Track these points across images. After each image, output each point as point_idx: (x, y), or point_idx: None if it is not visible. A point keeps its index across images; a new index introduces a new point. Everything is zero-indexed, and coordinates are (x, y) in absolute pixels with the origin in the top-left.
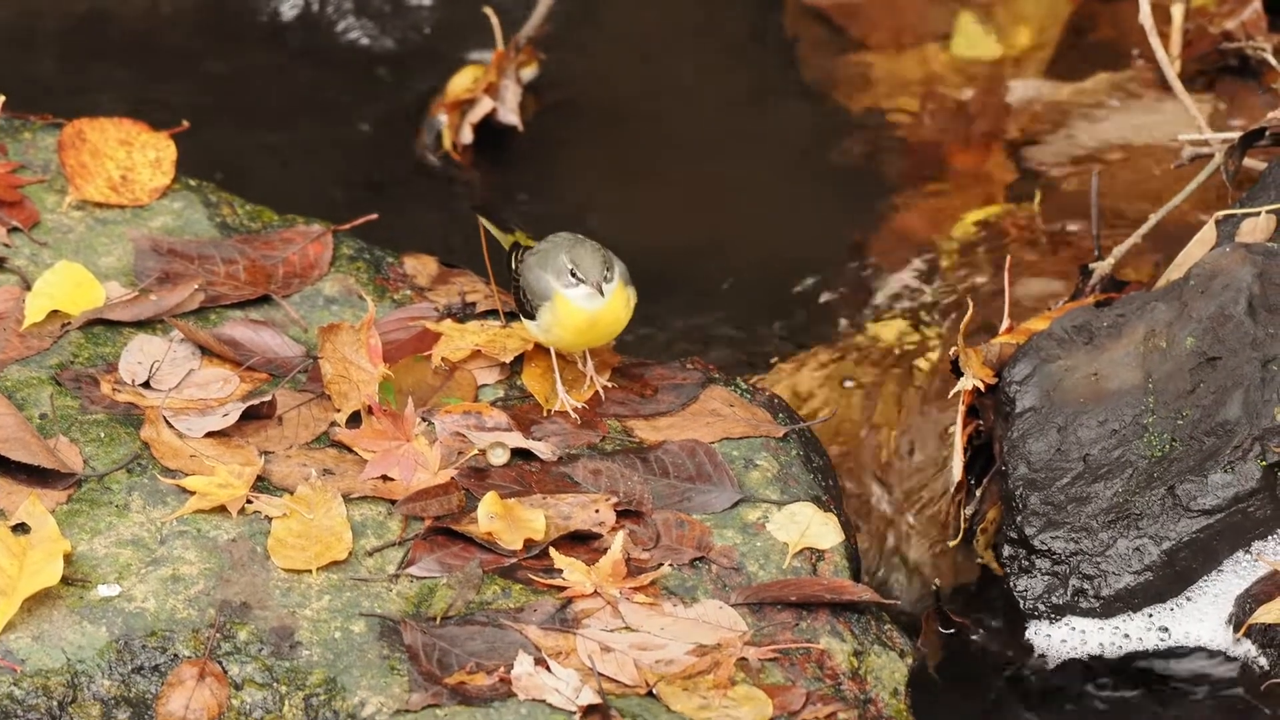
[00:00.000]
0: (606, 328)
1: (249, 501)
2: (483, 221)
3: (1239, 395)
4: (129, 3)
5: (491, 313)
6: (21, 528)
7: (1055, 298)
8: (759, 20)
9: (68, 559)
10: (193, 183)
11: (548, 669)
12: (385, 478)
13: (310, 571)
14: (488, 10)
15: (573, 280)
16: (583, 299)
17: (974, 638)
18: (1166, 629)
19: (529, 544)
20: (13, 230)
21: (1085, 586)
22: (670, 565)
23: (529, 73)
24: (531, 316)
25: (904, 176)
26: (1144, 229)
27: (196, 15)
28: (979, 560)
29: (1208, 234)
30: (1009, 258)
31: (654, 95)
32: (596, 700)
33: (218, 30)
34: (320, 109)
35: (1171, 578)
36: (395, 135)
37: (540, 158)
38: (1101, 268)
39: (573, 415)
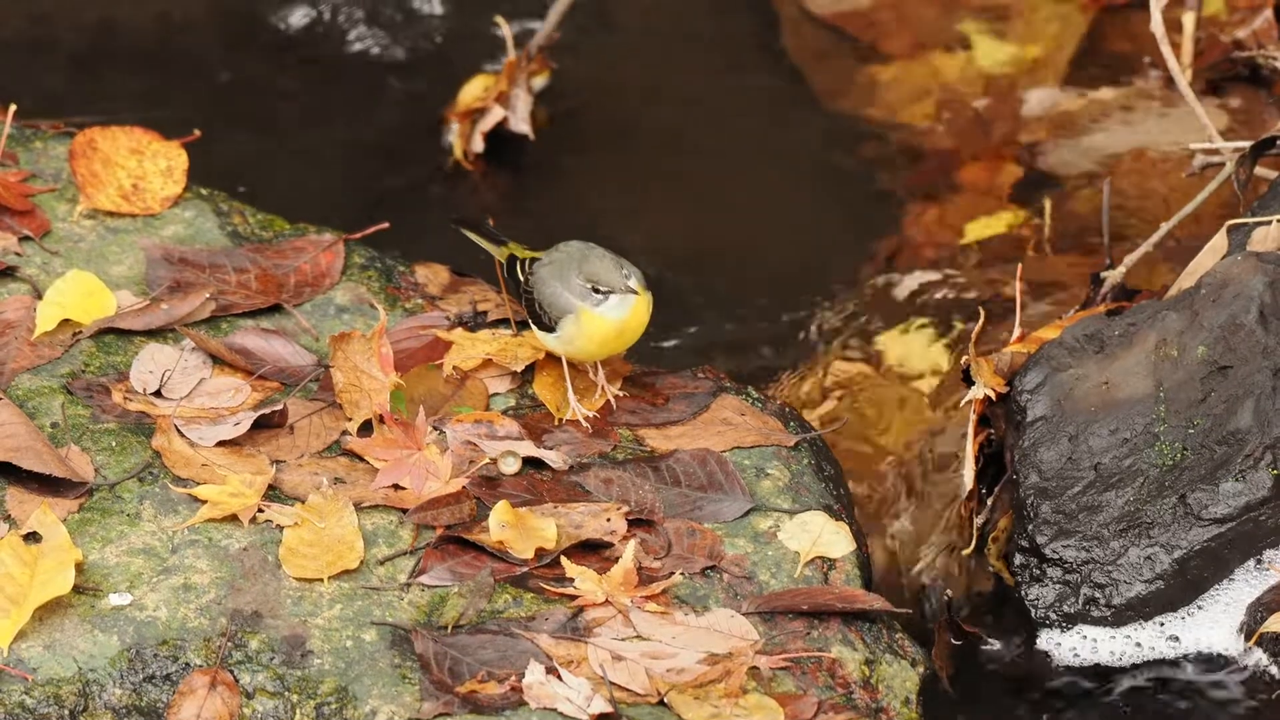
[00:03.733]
0: (630, 335)
1: (260, 510)
2: (468, 234)
3: (1250, 404)
4: (140, 12)
5: (503, 321)
6: (33, 536)
7: (1066, 306)
8: (770, 29)
9: (79, 568)
10: (204, 191)
11: (559, 678)
12: (397, 486)
13: (322, 580)
14: (499, 19)
15: (598, 295)
16: (613, 309)
17: (985, 646)
18: (1178, 637)
19: (540, 553)
20: (24, 239)
21: (1097, 595)
22: (682, 574)
23: (540, 82)
24: (550, 329)
25: (916, 185)
26: (1155, 237)
27: (208, 24)
28: (990, 569)
29: (1219, 243)
30: (1020, 266)
31: (665, 104)
32: (608, 709)
33: (229, 39)
34: (332, 118)
35: (1183, 586)
36: (407, 144)
37: (551, 166)
38: (1113, 276)
39: (584, 424)
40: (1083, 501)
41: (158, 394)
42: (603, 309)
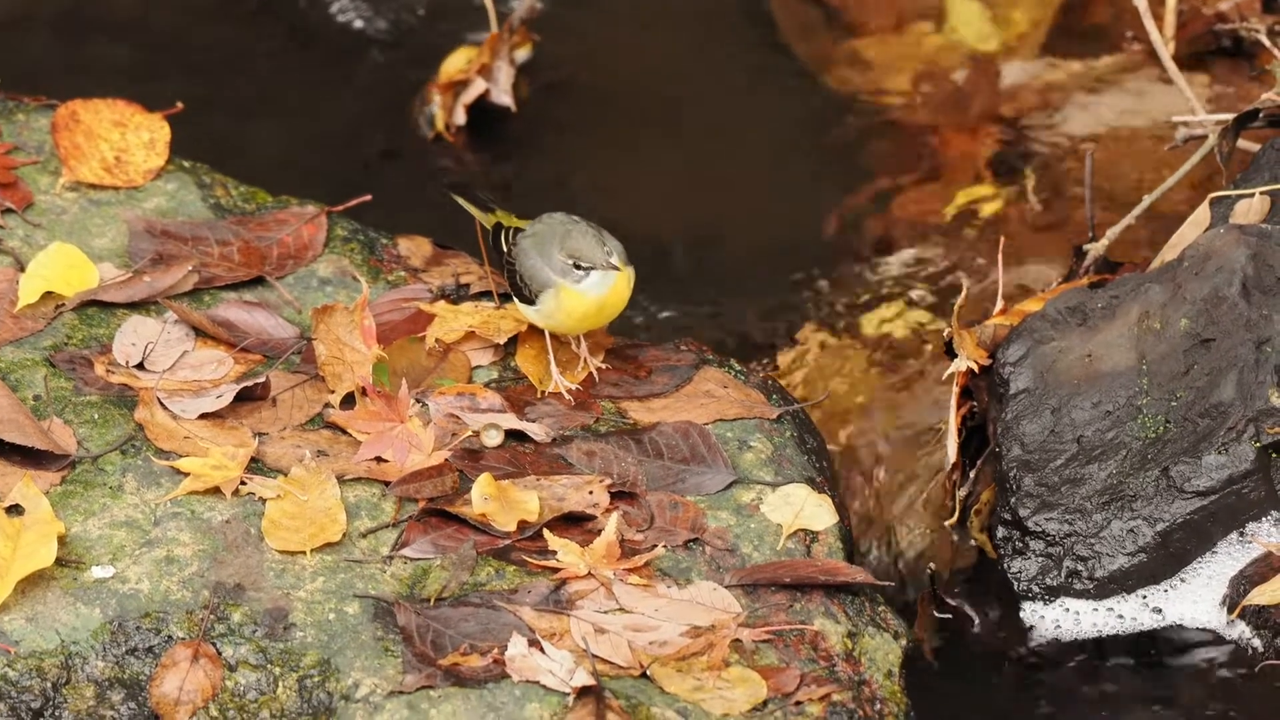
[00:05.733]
0: (610, 311)
1: (243, 483)
2: (459, 200)
3: (1233, 377)
4: None
5: (486, 294)
6: (15, 509)
7: (1049, 279)
8: (752, 1)
9: (62, 540)
10: (187, 164)
11: (541, 650)
12: (379, 459)
13: (304, 553)
14: None
15: (579, 271)
16: (593, 286)
17: (968, 619)
18: (1160, 610)
19: (523, 525)
20: (6, 211)
21: (1079, 568)
22: (664, 547)
23: (522, 54)
24: (530, 302)
25: (898, 158)
26: (1138, 210)
27: None
28: (973, 542)
29: (1202, 215)
30: (1002, 239)
31: (647, 76)
32: (590, 681)
33: (212, 12)
34: (314, 90)
35: (1165, 559)
36: (389, 117)
37: (533, 139)
38: (1095, 249)
39: (567, 397)
40: (1065, 474)
41: (140, 366)
42: (583, 286)
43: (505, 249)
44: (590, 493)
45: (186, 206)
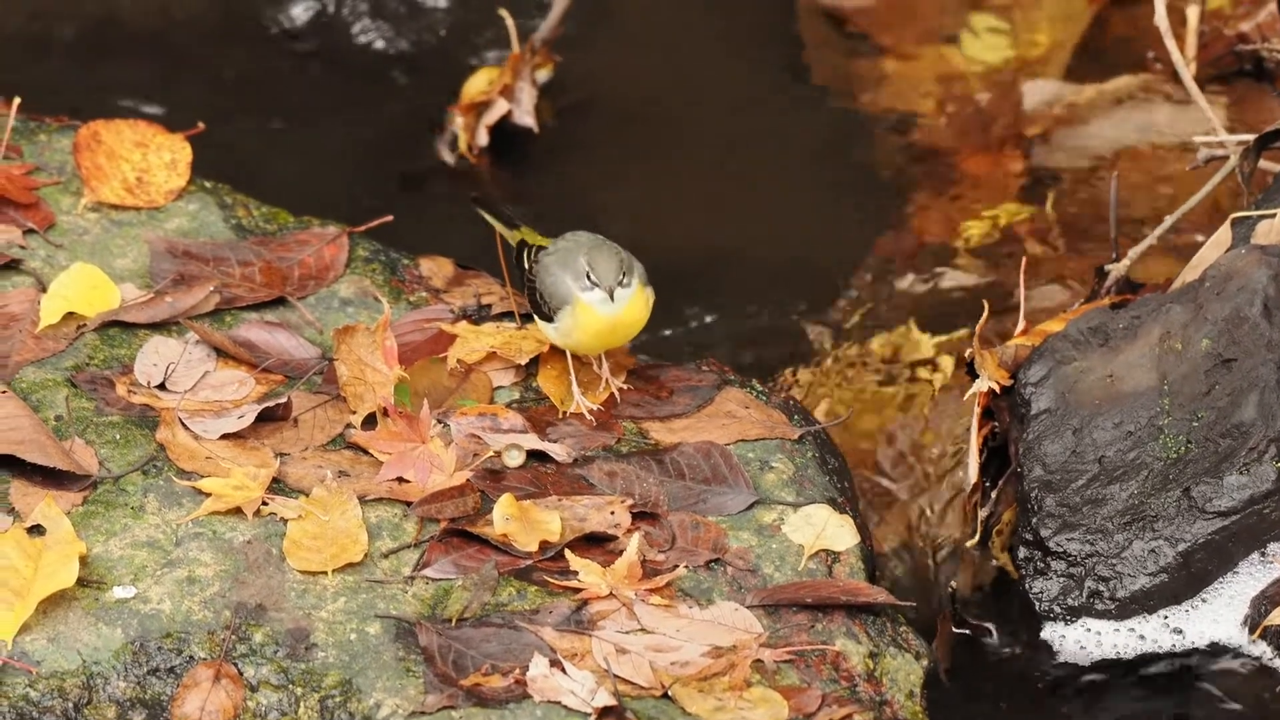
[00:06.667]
0: (626, 330)
1: (264, 503)
2: (484, 214)
3: (1254, 397)
4: (144, 5)
5: (507, 315)
6: (37, 529)
7: (1071, 300)
8: (774, 21)
9: (83, 561)
10: (208, 184)
11: (563, 671)
12: (401, 479)
13: (326, 573)
14: (503, 12)
15: (589, 284)
16: (601, 303)
17: (989, 639)
18: (1181, 631)
19: (544, 546)
20: (28, 232)
21: (1100, 588)
22: (686, 567)
23: (544, 75)
24: (549, 319)
25: (920, 178)
26: (1159, 230)
27: (212, 17)
28: (994, 562)
29: (1223, 236)
30: (1024, 259)
31: (669, 96)
32: (612, 702)
33: (233, 32)
34: (336, 111)
35: (1187, 580)
36: (411, 138)
37: (556, 160)
38: (1117, 269)
39: (588, 417)
40: (1087, 494)
41: (162, 387)
42: (591, 300)
43: (527, 266)
44: (612, 513)
45: (208, 227)
